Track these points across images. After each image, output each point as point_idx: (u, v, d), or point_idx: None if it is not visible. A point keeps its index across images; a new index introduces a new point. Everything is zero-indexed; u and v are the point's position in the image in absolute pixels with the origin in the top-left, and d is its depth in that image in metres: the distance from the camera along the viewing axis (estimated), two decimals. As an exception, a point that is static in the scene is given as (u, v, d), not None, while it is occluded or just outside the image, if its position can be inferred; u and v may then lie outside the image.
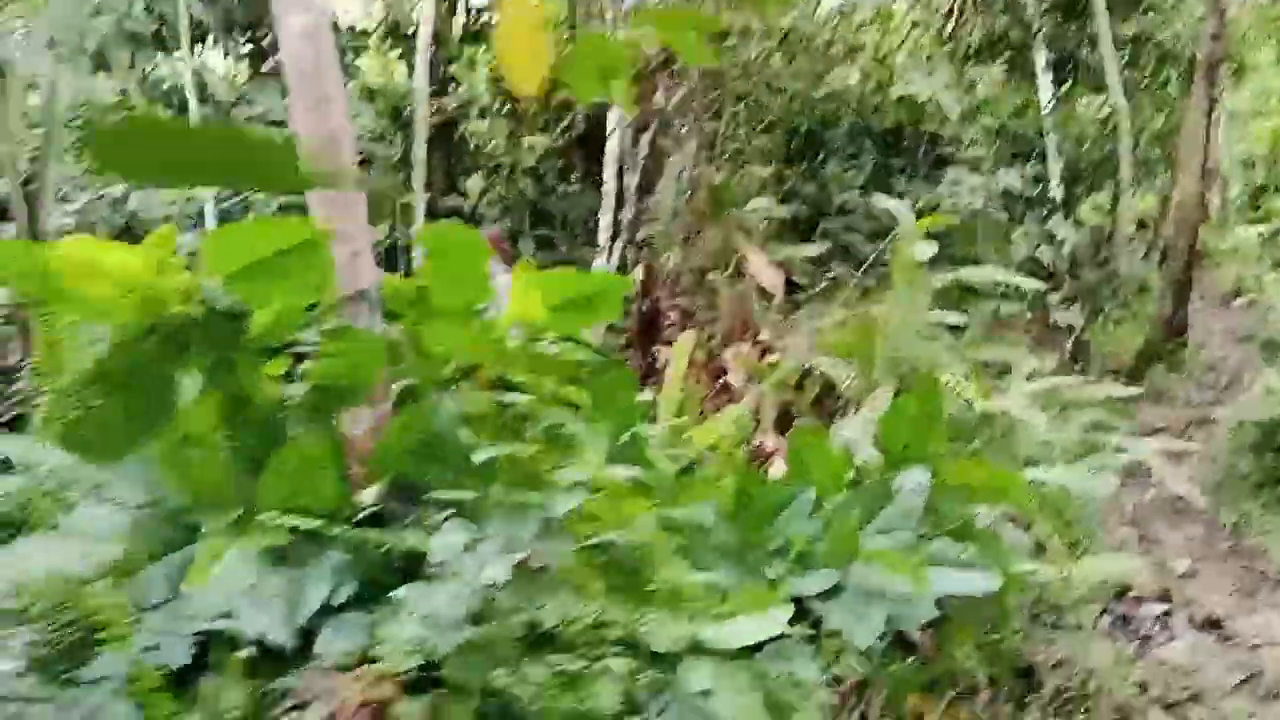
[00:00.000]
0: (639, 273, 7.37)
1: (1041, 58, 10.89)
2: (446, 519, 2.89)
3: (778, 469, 4.52)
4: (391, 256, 9.96)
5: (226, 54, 9.81)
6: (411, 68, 11.19)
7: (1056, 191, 10.66)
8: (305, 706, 2.52)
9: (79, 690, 2.26)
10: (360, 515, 3.14)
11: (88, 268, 2.74)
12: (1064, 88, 11.80)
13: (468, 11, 11.96)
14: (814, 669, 2.97)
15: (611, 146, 9.43)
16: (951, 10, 11.70)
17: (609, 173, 9.40)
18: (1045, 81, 10.89)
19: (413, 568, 3.19)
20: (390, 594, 2.87)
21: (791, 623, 3.06)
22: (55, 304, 2.84)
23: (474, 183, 10.59)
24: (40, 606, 2.98)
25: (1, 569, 2.83)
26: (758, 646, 3.01)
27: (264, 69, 9.64)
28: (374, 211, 5.17)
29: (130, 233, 6.65)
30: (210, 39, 9.28)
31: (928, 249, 5.84)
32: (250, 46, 9.98)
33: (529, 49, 1.63)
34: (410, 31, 11.33)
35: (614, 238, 9.37)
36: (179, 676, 2.65)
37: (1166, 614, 5.31)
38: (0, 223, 4.78)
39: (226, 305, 2.89)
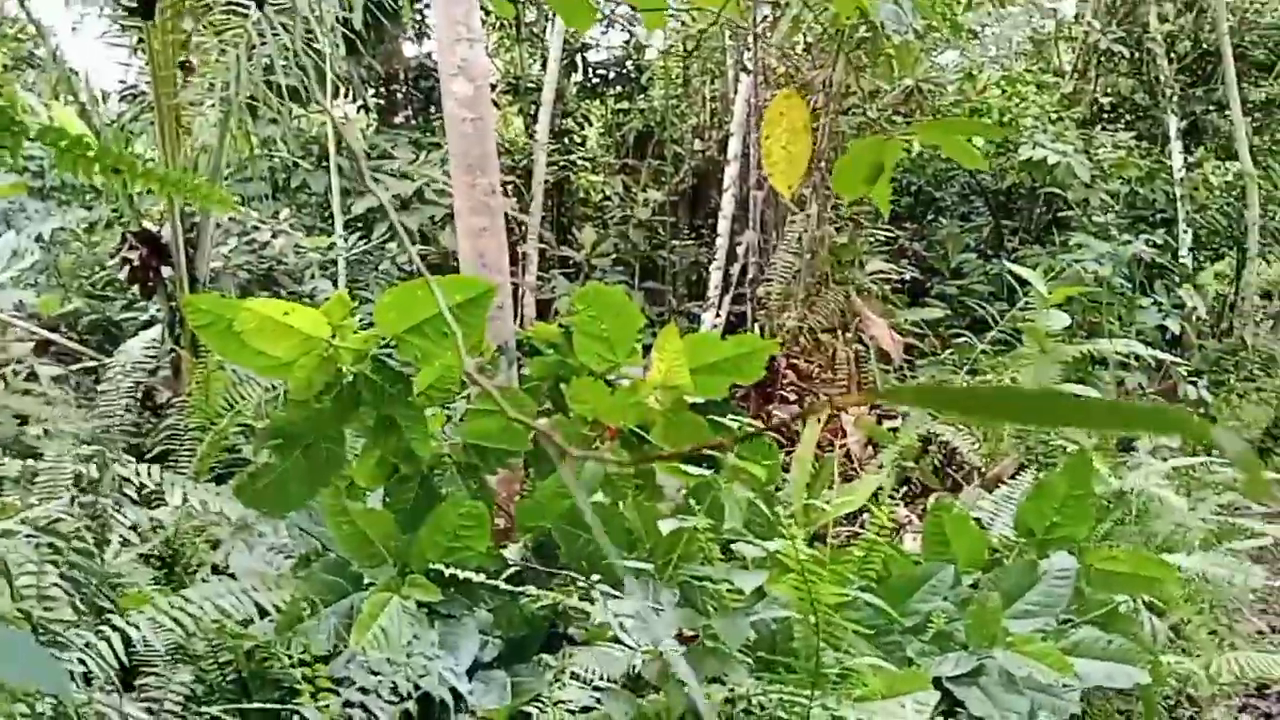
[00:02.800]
0: (755, 331, 7.38)
1: (1173, 123, 10.63)
2: (595, 584, 2.91)
3: (907, 542, 4.43)
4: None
5: (362, 107, 10.26)
6: (528, 121, 11.50)
7: (1187, 259, 10.32)
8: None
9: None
10: (505, 574, 3.19)
11: (271, 325, 2.87)
12: (1192, 153, 11.49)
13: (586, 70, 12.26)
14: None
15: (726, 202, 9.50)
16: (1075, 70, 11.53)
17: (722, 228, 9.45)
18: (1177, 147, 10.62)
19: (554, 630, 3.22)
20: (539, 654, 2.90)
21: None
22: (237, 357, 2.97)
23: (588, 234, 10.77)
24: (202, 646, 3.09)
25: (170, 611, 2.95)
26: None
27: (396, 121, 10.06)
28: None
29: (270, 276, 7.00)
30: (342, 92, 9.73)
31: (1061, 318, 5.71)
32: (381, 100, 10.43)
33: (791, 149, 1.68)
34: (530, 86, 11.64)
35: (723, 293, 9.40)
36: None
37: (1311, 713, 5.01)
38: (163, 265, 5.06)
39: (394, 364, 2.99)
